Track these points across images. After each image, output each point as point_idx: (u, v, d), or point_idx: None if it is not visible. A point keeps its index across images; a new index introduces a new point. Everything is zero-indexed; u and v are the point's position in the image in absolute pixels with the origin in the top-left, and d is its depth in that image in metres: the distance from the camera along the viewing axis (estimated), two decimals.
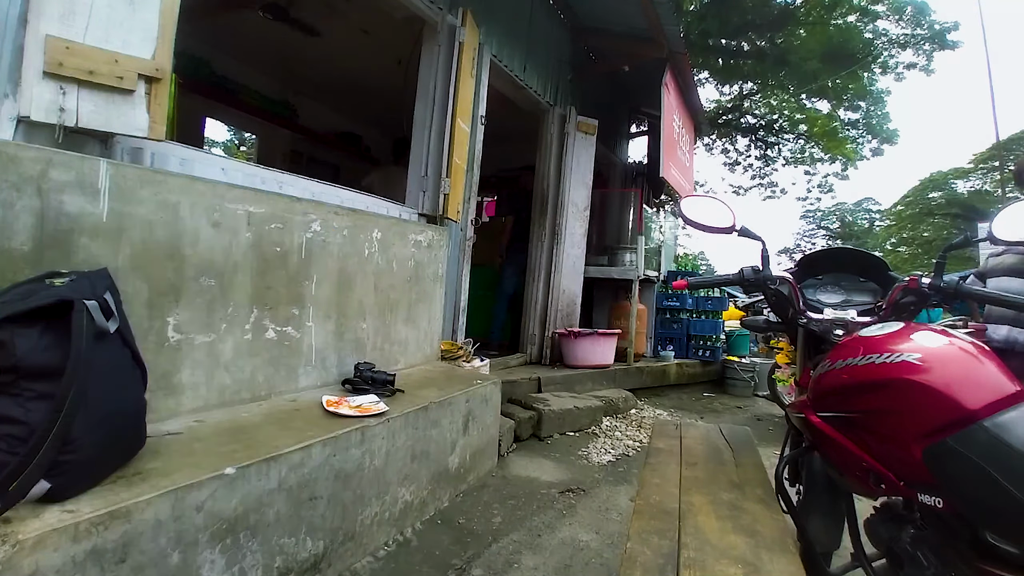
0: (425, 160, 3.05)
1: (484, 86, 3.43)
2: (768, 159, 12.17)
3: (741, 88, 10.55)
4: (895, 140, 10.69)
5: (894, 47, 9.13)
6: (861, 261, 1.39)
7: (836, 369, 1.00)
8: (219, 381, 1.71)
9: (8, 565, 0.87)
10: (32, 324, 1.00)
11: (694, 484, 1.34)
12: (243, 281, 1.76)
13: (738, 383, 5.34)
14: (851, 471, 0.97)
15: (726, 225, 1.37)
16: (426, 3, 2.90)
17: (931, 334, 0.93)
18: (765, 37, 8.50)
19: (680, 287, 1.45)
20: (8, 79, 1.32)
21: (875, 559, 1.08)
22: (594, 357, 4.32)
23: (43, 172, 1.27)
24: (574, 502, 2.35)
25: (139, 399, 1.27)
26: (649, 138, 6.67)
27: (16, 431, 0.98)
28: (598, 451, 3.05)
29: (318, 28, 4.16)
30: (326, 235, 2.07)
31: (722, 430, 1.85)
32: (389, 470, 1.84)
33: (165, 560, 1.12)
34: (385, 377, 2.09)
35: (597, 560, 1.86)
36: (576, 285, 4.75)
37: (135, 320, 1.38)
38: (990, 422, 0.76)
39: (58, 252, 1.30)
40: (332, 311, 2.13)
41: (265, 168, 2.11)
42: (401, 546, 1.87)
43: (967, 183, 17.85)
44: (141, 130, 1.52)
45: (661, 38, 4.11)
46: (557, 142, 4.56)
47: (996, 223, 1.15)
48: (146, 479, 1.16)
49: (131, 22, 1.48)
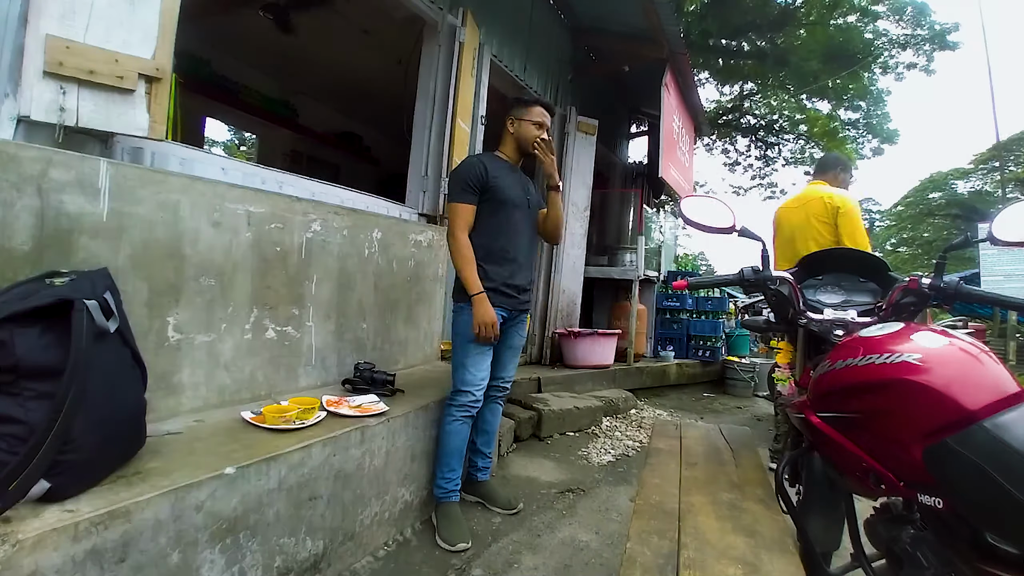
0: (425, 160, 3.05)
1: (484, 86, 3.43)
2: (768, 159, 12.17)
3: (741, 88, 10.54)
4: (895, 140, 10.69)
5: (894, 47, 9.13)
6: (861, 261, 1.39)
7: (836, 369, 1.00)
8: (219, 381, 1.71)
9: (8, 565, 0.87)
10: (32, 324, 1.00)
11: (694, 484, 1.34)
12: (243, 281, 1.76)
13: (738, 383, 5.34)
14: (851, 471, 0.97)
15: (726, 225, 1.37)
16: (426, 3, 2.90)
17: (931, 335, 0.93)
18: (765, 37, 8.50)
19: (680, 287, 1.45)
20: (8, 78, 1.32)
21: (875, 559, 1.08)
22: (594, 357, 4.32)
23: (43, 172, 1.27)
24: (574, 502, 2.35)
25: (139, 399, 1.27)
26: (649, 138, 6.67)
27: (16, 431, 0.97)
28: (598, 451, 3.05)
29: (293, 24, 4.08)
30: (326, 235, 2.07)
31: (722, 430, 1.86)
32: (389, 470, 1.84)
33: (165, 560, 1.12)
34: (385, 377, 2.09)
35: (597, 560, 1.86)
36: (576, 285, 4.75)
37: (135, 320, 1.38)
38: (990, 422, 0.76)
39: (58, 252, 1.29)
40: (332, 311, 2.13)
41: (265, 168, 2.11)
42: (401, 546, 1.87)
43: (967, 183, 17.86)
44: (141, 130, 1.52)
45: (661, 38, 4.11)
46: (557, 142, 4.56)
47: (996, 224, 1.15)
48: (146, 479, 1.16)
49: (131, 22, 1.48)
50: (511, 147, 2.10)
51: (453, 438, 1.93)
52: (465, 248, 1.92)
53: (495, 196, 1.97)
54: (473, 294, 1.90)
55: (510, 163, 2.10)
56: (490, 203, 1.98)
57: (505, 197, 1.98)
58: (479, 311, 1.89)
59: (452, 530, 1.88)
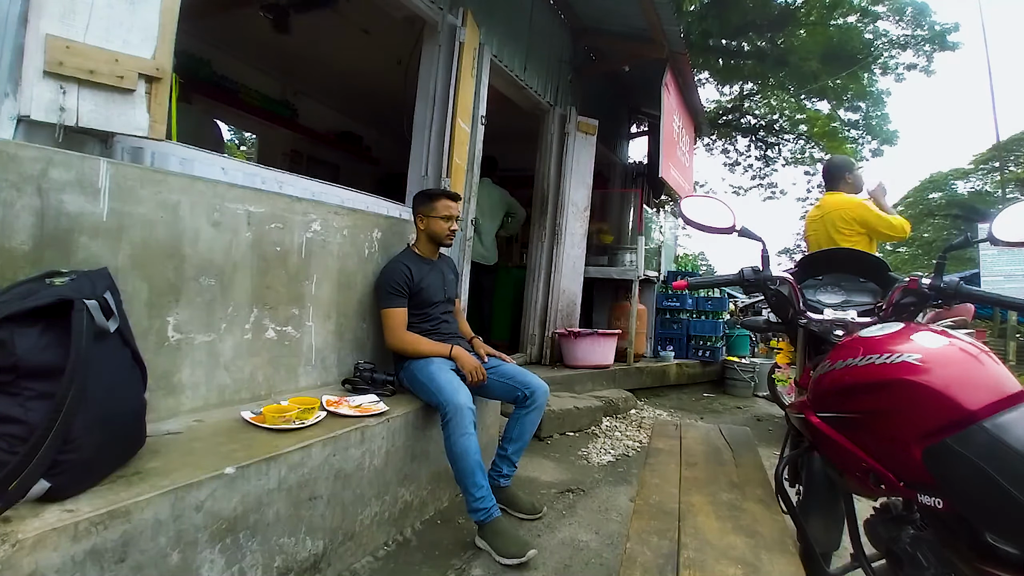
0: (425, 160, 3.05)
1: (484, 86, 3.43)
2: (768, 159, 12.18)
3: (741, 88, 10.55)
4: (895, 141, 10.68)
5: (894, 48, 9.14)
6: (861, 262, 1.39)
7: (836, 370, 1.00)
8: (219, 381, 1.71)
9: (8, 564, 0.87)
10: (32, 323, 1.00)
11: (694, 484, 1.34)
12: (243, 281, 1.76)
13: (738, 383, 5.34)
14: (851, 471, 0.97)
15: (726, 225, 1.37)
16: (426, 3, 2.90)
17: (931, 335, 0.93)
18: (765, 37, 8.51)
19: (680, 287, 1.45)
20: (8, 78, 1.32)
21: (875, 559, 1.08)
22: (594, 357, 4.32)
23: (43, 171, 1.27)
24: (574, 502, 2.35)
25: (139, 398, 1.27)
26: (649, 138, 6.67)
27: (16, 430, 0.98)
28: (598, 451, 3.05)
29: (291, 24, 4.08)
30: (326, 235, 2.07)
31: (722, 430, 1.86)
32: (389, 470, 1.84)
33: (165, 560, 1.12)
34: (385, 377, 2.09)
35: (597, 560, 1.86)
36: (576, 285, 4.75)
37: (135, 320, 1.38)
38: (990, 423, 0.76)
39: (58, 251, 1.29)
40: (332, 311, 2.13)
41: (265, 168, 2.11)
42: (401, 546, 1.87)
43: (967, 184, 17.85)
44: (141, 129, 1.52)
45: (661, 38, 4.10)
46: (557, 142, 4.56)
47: (996, 224, 1.15)
48: (146, 479, 1.16)
49: (131, 21, 1.48)
50: (424, 242, 2.28)
51: (466, 457, 1.81)
52: (411, 338, 2.12)
53: (420, 297, 2.18)
54: (448, 354, 2.10)
55: (427, 259, 2.27)
56: (417, 303, 2.18)
57: (428, 297, 2.20)
58: (461, 361, 2.09)
59: (510, 544, 1.77)
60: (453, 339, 2.23)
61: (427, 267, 2.24)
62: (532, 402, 2.17)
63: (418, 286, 2.17)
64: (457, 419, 1.83)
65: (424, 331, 2.18)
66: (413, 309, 2.18)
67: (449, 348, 2.12)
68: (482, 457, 1.85)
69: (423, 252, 2.28)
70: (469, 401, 1.88)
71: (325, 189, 2.33)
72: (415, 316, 2.18)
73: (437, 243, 2.27)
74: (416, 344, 2.11)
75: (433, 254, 2.30)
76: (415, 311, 2.18)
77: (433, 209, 2.21)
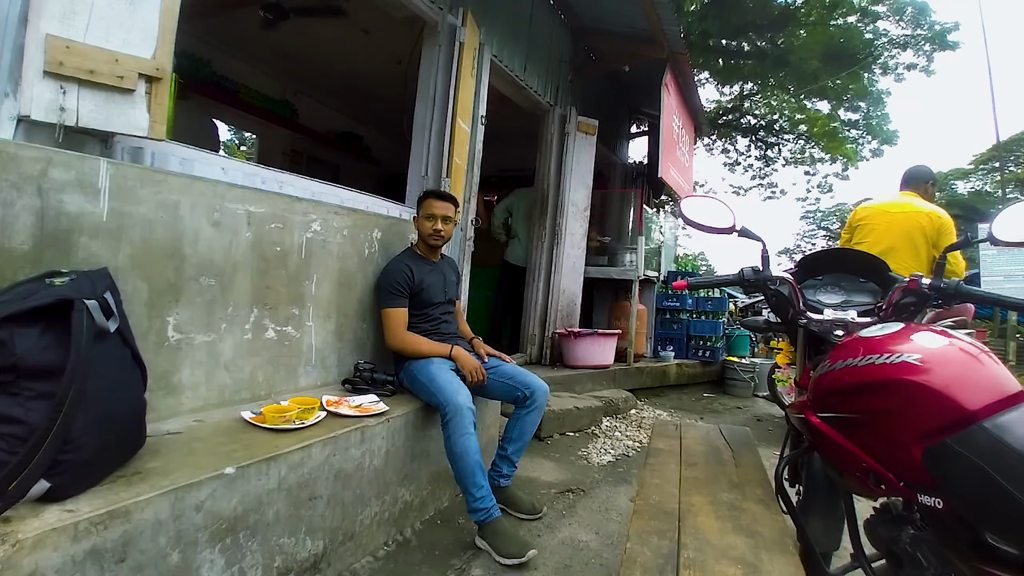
0: (425, 160, 3.05)
1: (484, 86, 3.43)
2: (768, 159, 12.18)
3: (741, 88, 10.55)
4: (895, 141, 10.69)
5: (894, 48, 9.14)
6: (861, 262, 1.39)
7: (836, 370, 1.00)
8: (219, 381, 1.71)
9: (8, 564, 0.87)
10: (32, 323, 1.00)
11: (694, 484, 1.34)
12: (243, 281, 1.76)
13: (738, 383, 5.34)
14: (851, 471, 0.97)
15: (726, 225, 1.37)
16: (426, 3, 2.90)
17: (931, 335, 0.93)
18: (765, 37, 8.51)
19: (680, 287, 1.45)
20: (8, 78, 1.32)
21: (875, 560, 1.08)
22: (594, 357, 4.32)
23: (43, 171, 1.27)
24: (574, 502, 2.35)
25: (139, 398, 1.27)
26: (649, 138, 6.66)
27: (16, 430, 0.97)
28: (598, 451, 3.05)
29: (289, 24, 4.08)
30: (326, 235, 2.07)
31: (722, 430, 1.86)
32: (389, 470, 1.84)
33: (165, 560, 1.12)
34: (385, 377, 2.09)
35: (597, 560, 1.86)
36: (576, 285, 4.75)
37: (135, 320, 1.38)
38: (990, 423, 0.76)
39: (58, 251, 1.29)
40: (332, 311, 2.13)
41: (265, 168, 2.11)
42: (401, 546, 1.87)
43: (967, 184, 17.85)
44: (141, 129, 1.52)
45: (661, 38, 4.10)
46: (557, 142, 4.56)
47: (996, 224, 1.15)
48: (146, 479, 1.16)
49: (131, 21, 1.48)
50: (422, 243, 2.30)
51: (466, 457, 1.81)
52: (411, 338, 2.13)
53: (421, 297, 2.19)
54: (448, 354, 2.11)
55: (428, 260, 2.28)
56: (418, 304, 2.19)
57: (428, 297, 2.21)
58: (461, 361, 2.10)
59: (510, 544, 1.77)
60: (453, 339, 2.24)
61: (428, 268, 2.25)
62: (532, 402, 2.17)
63: (419, 286, 2.17)
64: (457, 419, 1.83)
65: (424, 331, 2.18)
66: (413, 309, 2.18)
67: (449, 348, 2.12)
68: (482, 457, 1.85)
69: (424, 252, 2.29)
70: (469, 401, 1.88)
71: (325, 189, 2.33)
72: (415, 316, 2.19)
73: (431, 245, 2.27)
74: (416, 344, 2.11)
75: (434, 255, 2.30)
76: (415, 311, 2.19)
77: (421, 208, 2.25)
